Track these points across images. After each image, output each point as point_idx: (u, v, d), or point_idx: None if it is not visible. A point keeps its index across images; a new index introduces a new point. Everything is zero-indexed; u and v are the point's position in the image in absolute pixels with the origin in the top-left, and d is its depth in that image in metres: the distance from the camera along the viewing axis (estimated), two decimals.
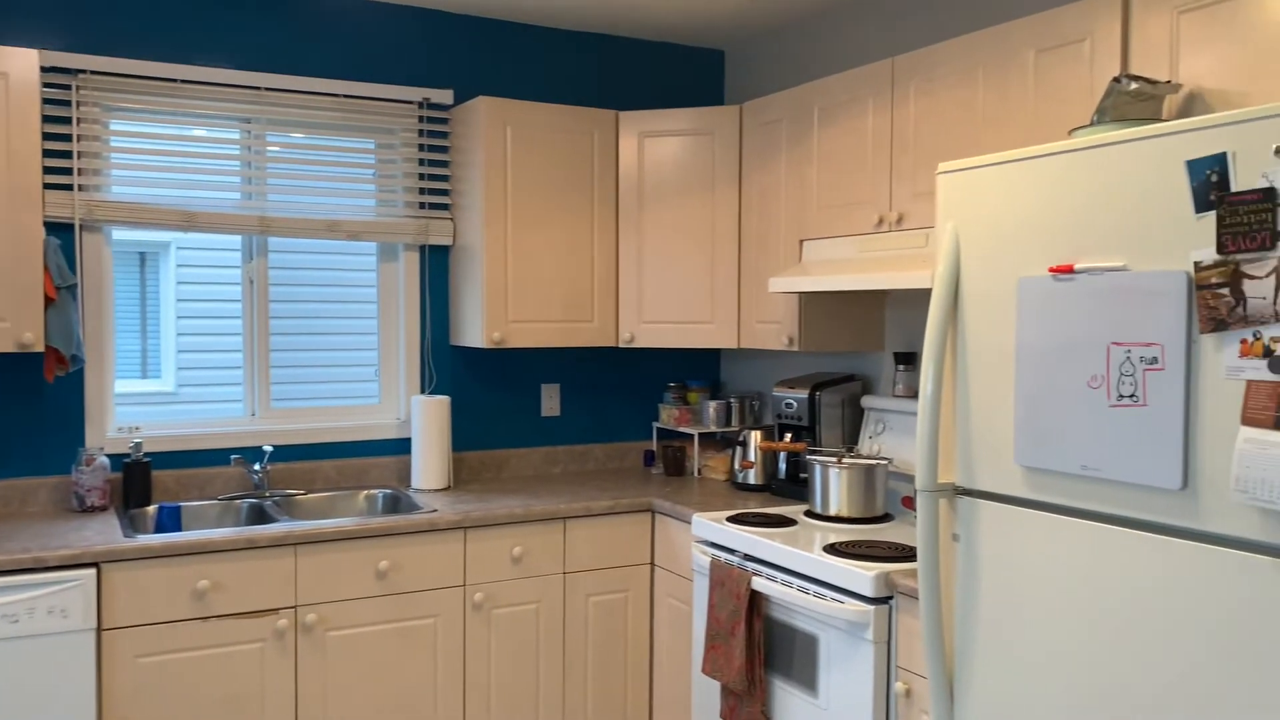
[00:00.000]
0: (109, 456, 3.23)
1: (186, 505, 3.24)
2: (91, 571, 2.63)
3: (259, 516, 3.25)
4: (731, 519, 3.01)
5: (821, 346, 3.29)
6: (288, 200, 3.45)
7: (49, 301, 2.91)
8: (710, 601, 2.90)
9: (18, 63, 2.78)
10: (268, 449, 3.38)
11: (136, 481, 3.17)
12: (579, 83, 3.93)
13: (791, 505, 3.27)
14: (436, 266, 3.72)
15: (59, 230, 3.14)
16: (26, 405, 3.15)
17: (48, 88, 3.09)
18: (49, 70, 3.10)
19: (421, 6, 3.62)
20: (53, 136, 3.10)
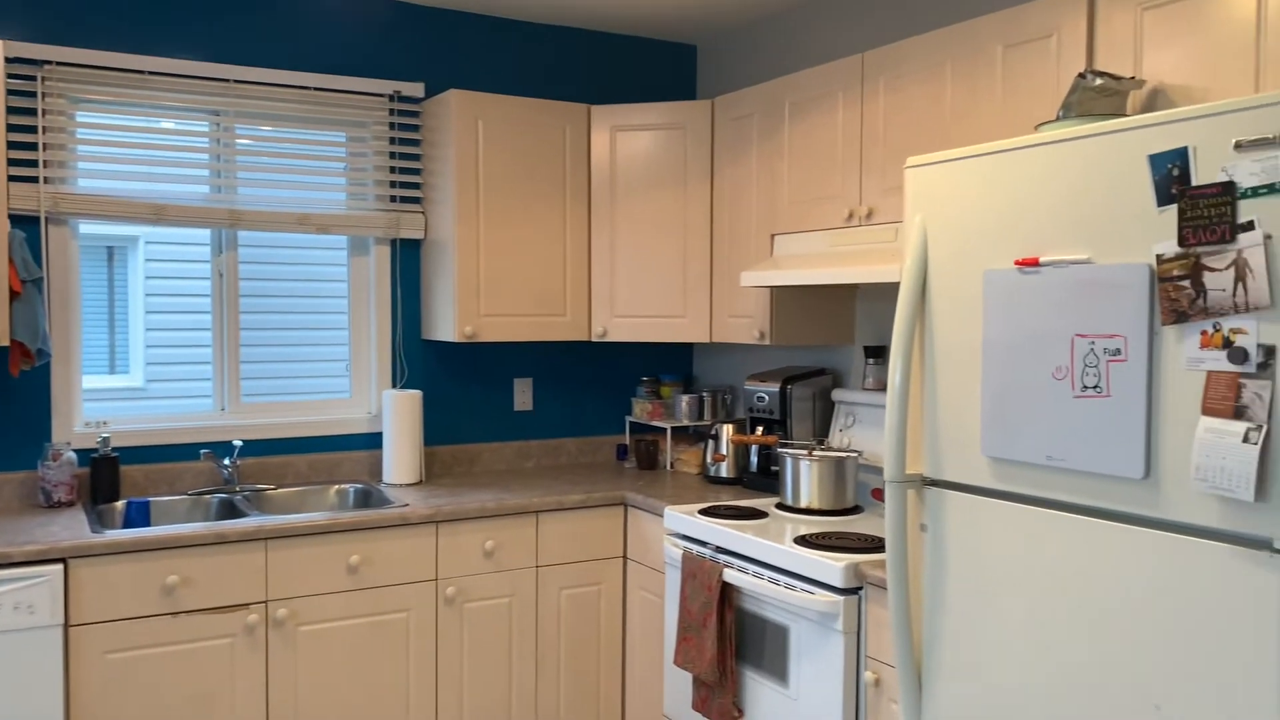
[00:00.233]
0: (76, 452, 3.20)
1: (156, 500, 3.21)
2: (58, 567, 2.60)
3: (229, 511, 3.23)
4: (703, 512, 3.03)
5: (793, 340, 3.31)
6: (258, 193, 3.43)
7: (14, 295, 2.88)
8: (682, 594, 2.92)
9: None
10: (238, 444, 3.36)
11: (104, 477, 3.14)
12: (551, 76, 3.93)
13: (763, 498, 3.29)
14: (408, 260, 3.70)
15: (24, 223, 3.10)
16: None
17: (12, 79, 3.05)
18: (13, 61, 3.06)
19: None
20: (17, 128, 3.06)
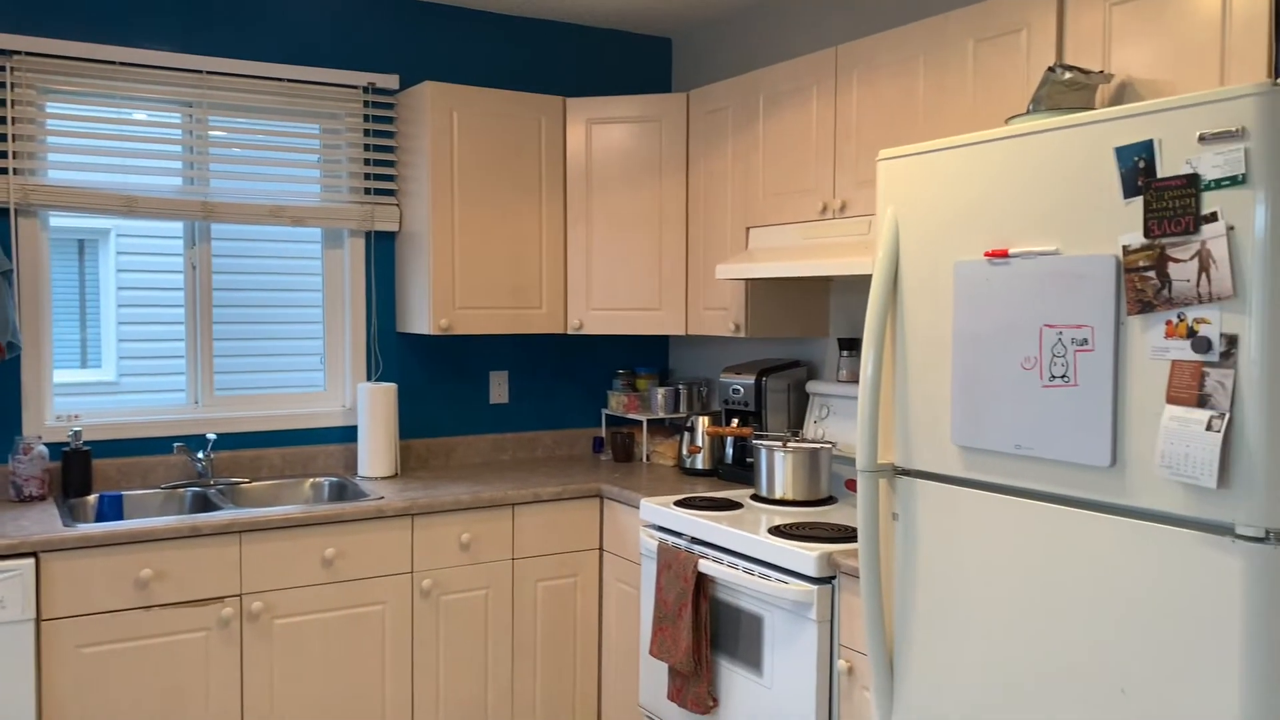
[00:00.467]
0: (47, 445, 3.17)
1: (128, 494, 3.19)
2: (30, 561, 2.58)
3: (203, 505, 3.21)
4: (679, 503, 3.04)
5: (768, 333, 3.33)
6: (231, 185, 3.41)
7: None
8: (658, 584, 2.93)
9: None
10: (211, 437, 3.34)
11: (76, 470, 3.12)
12: (527, 69, 3.93)
13: (738, 489, 3.31)
14: (382, 252, 3.69)
15: None
16: None
17: None
18: None
19: None
20: None
